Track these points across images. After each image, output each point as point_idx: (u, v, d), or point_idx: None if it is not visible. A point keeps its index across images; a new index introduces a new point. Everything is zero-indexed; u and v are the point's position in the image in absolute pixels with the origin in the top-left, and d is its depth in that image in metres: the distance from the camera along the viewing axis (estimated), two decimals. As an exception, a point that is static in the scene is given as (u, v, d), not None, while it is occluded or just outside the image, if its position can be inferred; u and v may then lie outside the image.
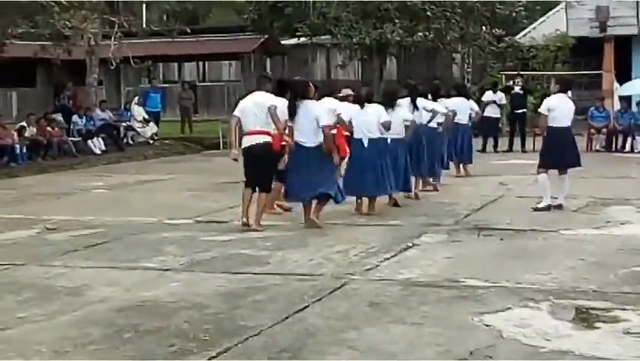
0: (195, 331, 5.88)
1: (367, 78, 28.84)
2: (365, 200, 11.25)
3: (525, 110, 22.02)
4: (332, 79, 31.81)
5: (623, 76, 25.04)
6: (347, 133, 11.25)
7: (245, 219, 10.04)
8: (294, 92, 10.30)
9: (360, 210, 11.22)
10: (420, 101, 12.64)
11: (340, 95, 12.55)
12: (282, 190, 10.70)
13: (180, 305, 6.61)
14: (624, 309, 6.25)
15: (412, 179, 12.39)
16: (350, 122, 11.12)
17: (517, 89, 22.27)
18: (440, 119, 13.43)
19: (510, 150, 21.19)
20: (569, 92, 12.12)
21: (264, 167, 10.17)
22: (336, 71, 32.03)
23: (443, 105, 13.84)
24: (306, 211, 10.24)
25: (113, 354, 5.44)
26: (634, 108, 22.02)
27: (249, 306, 6.55)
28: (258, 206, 10.18)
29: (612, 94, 22.82)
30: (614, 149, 21.07)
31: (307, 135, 10.11)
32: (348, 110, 11.27)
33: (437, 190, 13.41)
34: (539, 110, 11.80)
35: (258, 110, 10.07)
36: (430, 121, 12.89)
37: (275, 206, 11.18)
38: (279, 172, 10.52)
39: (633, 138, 20.89)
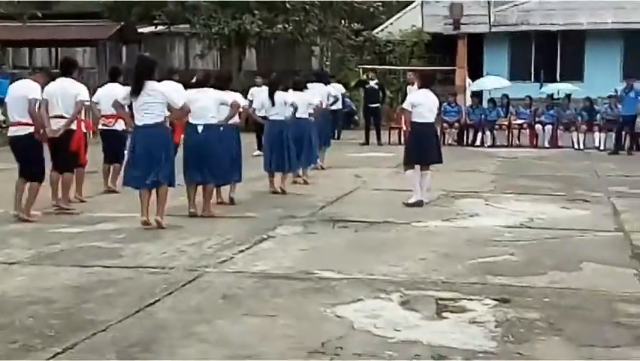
0: (41, 326, 5.67)
1: (226, 69, 28.64)
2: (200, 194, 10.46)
3: (379, 104, 22.42)
4: (190, 69, 31.45)
5: (475, 72, 25.86)
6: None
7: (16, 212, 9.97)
8: (140, 70, 9.55)
9: (194, 206, 10.33)
10: (279, 94, 12.58)
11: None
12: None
13: (26, 300, 6.37)
14: (471, 299, 6.43)
15: (278, 175, 12.38)
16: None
17: (372, 83, 22.67)
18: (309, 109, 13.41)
19: (366, 143, 21.50)
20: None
21: (29, 157, 9.94)
22: (195, 61, 31.69)
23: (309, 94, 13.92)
24: (143, 205, 9.48)
25: (-49, 352, 5.19)
26: (485, 104, 22.80)
27: (99, 300, 6.37)
28: (29, 195, 9.97)
29: (464, 90, 23.54)
30: (465, 143, 21.74)
31: (150, 115, 9.34)
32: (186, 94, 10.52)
33: (307, 183, 13.42)
34: (402, 105, 11.75)
35: (16, 102, 9.91)
36: (293, 114, 12.64)
37: None
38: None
39: (483, 133, 21.64)
